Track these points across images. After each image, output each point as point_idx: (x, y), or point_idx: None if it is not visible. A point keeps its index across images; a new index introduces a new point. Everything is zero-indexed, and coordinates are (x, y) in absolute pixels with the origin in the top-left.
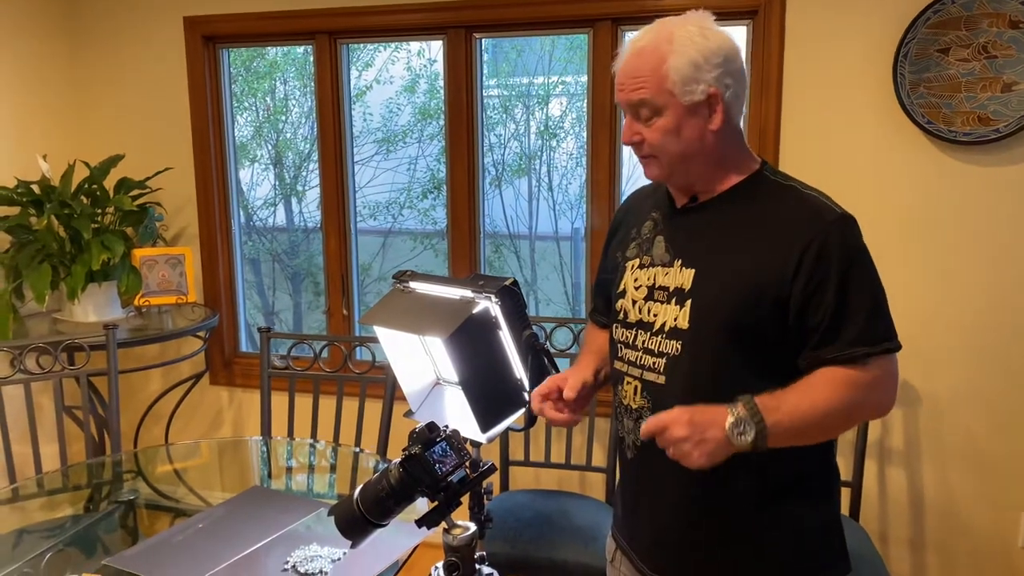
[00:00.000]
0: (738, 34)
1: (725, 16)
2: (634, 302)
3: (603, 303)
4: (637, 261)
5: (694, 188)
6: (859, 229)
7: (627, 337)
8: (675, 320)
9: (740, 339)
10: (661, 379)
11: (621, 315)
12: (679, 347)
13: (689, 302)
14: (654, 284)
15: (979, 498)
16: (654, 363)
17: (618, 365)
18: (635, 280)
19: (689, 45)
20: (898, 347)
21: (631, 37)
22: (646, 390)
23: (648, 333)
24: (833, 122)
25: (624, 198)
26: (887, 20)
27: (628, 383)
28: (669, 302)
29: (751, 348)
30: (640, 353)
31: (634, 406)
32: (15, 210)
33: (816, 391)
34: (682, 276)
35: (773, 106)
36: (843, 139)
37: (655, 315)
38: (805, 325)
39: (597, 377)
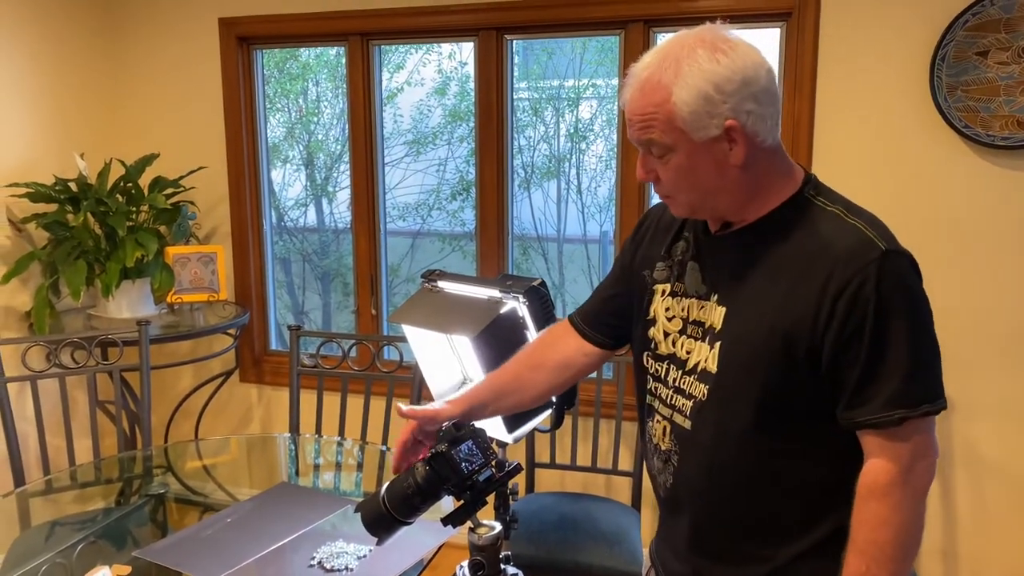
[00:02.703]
0: (771, 36)
1: (758, 19)
2: (666, 334)
3: (596, 317)
4: (668, 287)
5: (725, 218)
6: (907, 265)
7: (658, 370)
8: (705, 361)
9: (771, 391)
10: (688, 424)
11: (652, 345)
12: (706, 392)
13: (719, 344)
14: (688, 317)
15: (1014, 510)
16: (683, 405)
17: (649, 399)
18: (667, 310)
19: (697, 74)
20: (941, 408)
21: (635, 65)
22: (675, 432)
23: (680, 371)
24: (868, 125)
25: (652, 204)
26: (924, 23)
27: (658, 422)
28: (703, 340)
29: (784, 402)
30: (671, 391)
31: (663, 447)
32: (52, 207)
33: (869, 528)
34: (715, 314)
35: (806, 109)
36: (878, 143)
37: (688, 352)
38: (838, 380)
39: (475, 411)
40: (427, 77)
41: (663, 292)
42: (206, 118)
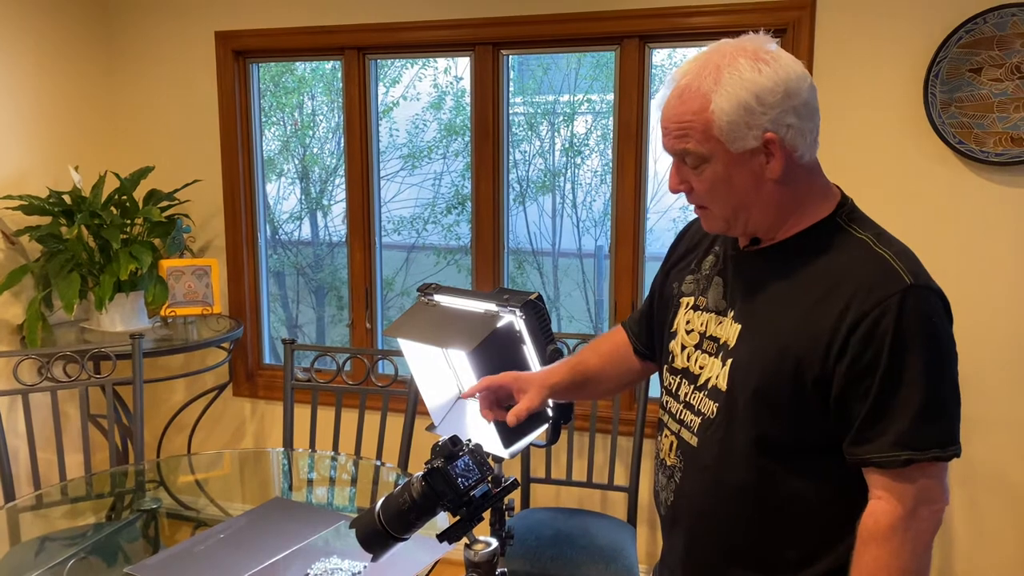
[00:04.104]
0: None
1: None
2: (683, 347)
3: (643, 327)
4: (692, 300)
5: (755, 234)
6: (934, 302)
7: (671, 384)
8: (717, 378)
9: (778, 415)
10: (694, 440)
11: (669, 358)
12: (715, 409)
13: (730, 362)
14: (705, 332)
15: (1012, 528)
16: (691, 421)
17: (661, 413)
18: (687, 323)
19: (738, 84)
20: (952, 455)
21: (674, 72)
22: (680, 448)
23: (692, 386)
24: (862, 141)
25: (649, 219)
26: (918, 39)
27: (666, 436)
28: (717, 356)
29: (791, 428)
30: (681, 407)
31: (669, 462)
32: (46, 220)
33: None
34: (731, 330)
35: None
36: (872, 158)
37: (701, 367)
38: (846, 413)
39: (559, 393)
40: (423, 91)
41: (687, 305)
42: (202, 131)
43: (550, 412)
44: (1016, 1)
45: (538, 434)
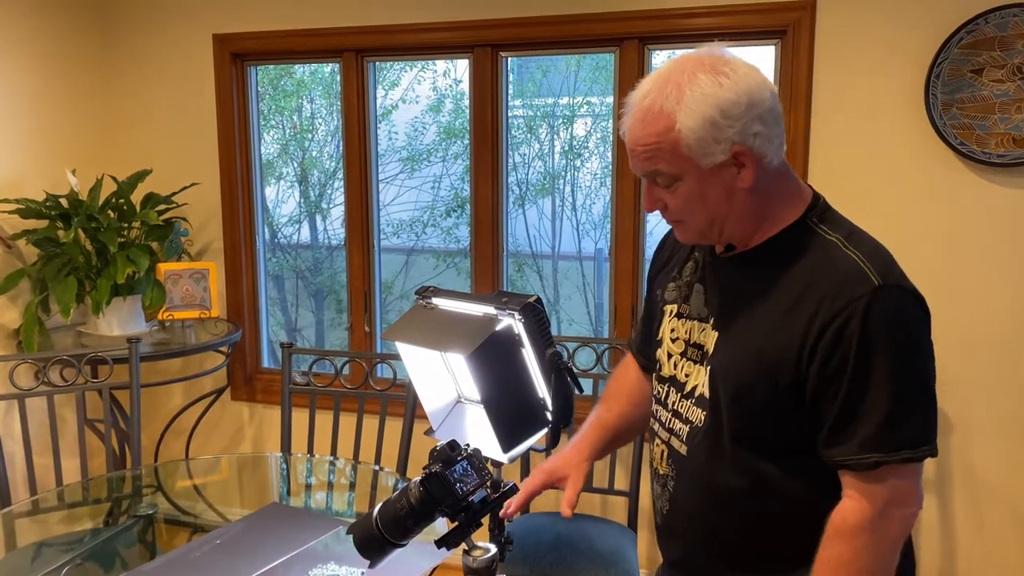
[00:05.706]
0: (767, 54)
1: (753, 36)
2: (669, 355)
3: (646, 340)
4: (675, 308)
5: (731, 242)
6: (907, 301)
7: (660, 392)
8: (703, 386)
9: (758, 420)
10: (683, 449)
11: (657, 366)
12: (703, 417)
13: (709, 368)
14: (690, 340)
15: (1013, 530)
16: (680, 429)
17: (651, 422)
18: (672, 331)
19: (701, 100)
20: (925, 456)
21: (633, 94)
22: (671, 457)
23: (679, 393)
24: (863, 143)
25: (648, 223)
26: (919, 40)
27: (657, 445)
28: (701, 363)
29: (774, 431)
30: (669, 415)
31: (661, 471)
32: (43, 223)
33: (829, 570)
34: (710, 337)
35: (802, 126)
36: (873, 160)
37: (687, 375)
38: (818, 416)
39: (598, 457)
40: (422, 94)
41: (671, 313)
42: (199, 134)
43: (549, 416)
44: (1017, 1)
45: (538, 438)
